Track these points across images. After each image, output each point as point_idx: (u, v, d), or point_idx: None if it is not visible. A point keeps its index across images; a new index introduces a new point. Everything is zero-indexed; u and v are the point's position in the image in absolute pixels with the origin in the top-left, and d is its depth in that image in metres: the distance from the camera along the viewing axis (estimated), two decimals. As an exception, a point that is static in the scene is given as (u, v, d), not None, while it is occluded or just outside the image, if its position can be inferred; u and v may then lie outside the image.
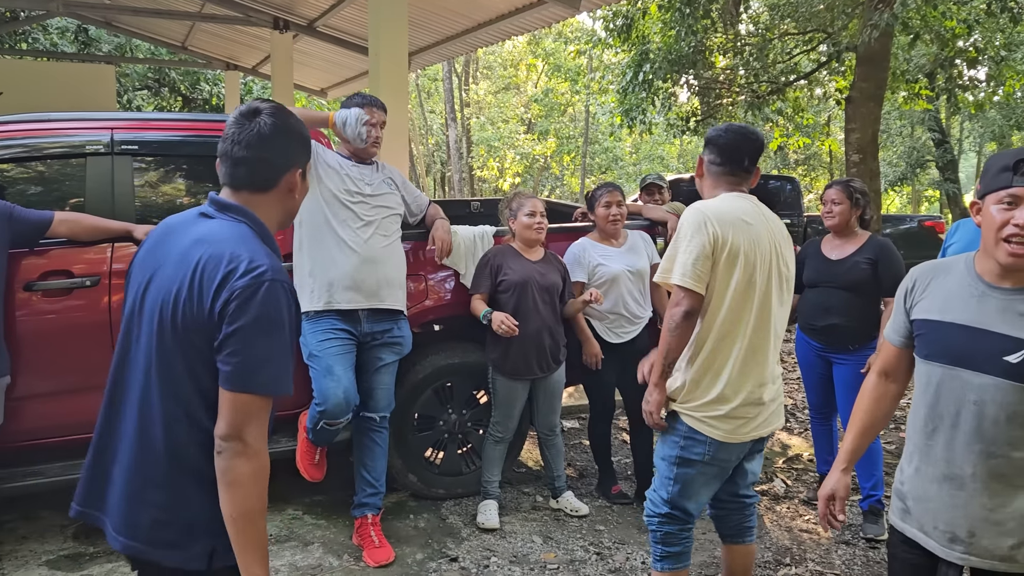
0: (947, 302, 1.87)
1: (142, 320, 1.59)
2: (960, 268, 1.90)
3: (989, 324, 1.79)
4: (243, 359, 1.50)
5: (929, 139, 19.31)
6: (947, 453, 1.85)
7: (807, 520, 3.92)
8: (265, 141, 1.64)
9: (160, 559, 1.57)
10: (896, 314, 2.03)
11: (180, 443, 1.55)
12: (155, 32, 13.41)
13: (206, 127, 3.72)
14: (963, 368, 1.81)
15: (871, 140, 8.58)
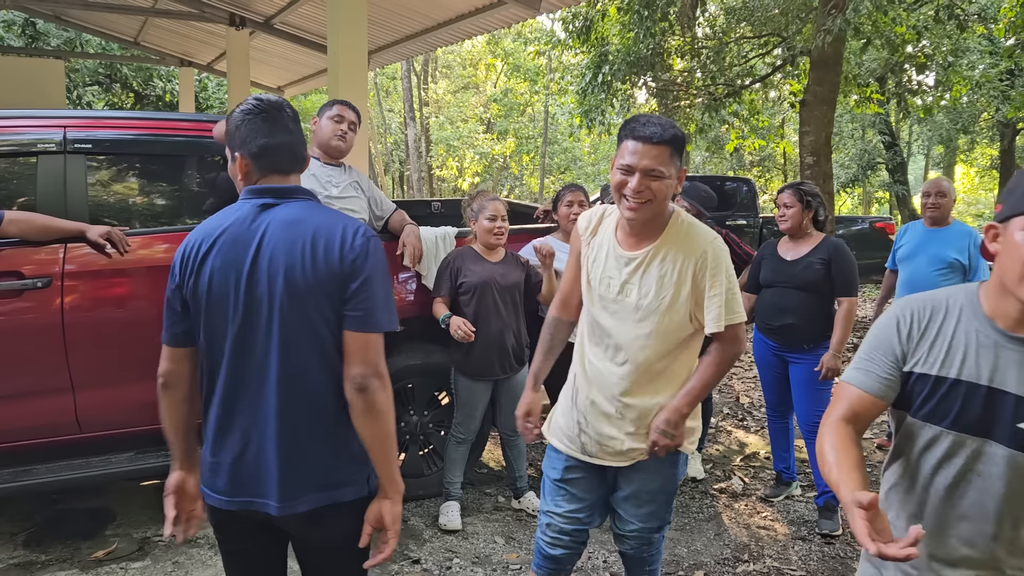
0: (953, 353, 1.52)
1: (258, 305, 1.75)
2: (963, 306, 1.55)
3: (1004, 383, 1.47)
4: (371, 304, 1.77)
5: (879, 142, 19.76)
6: (937, 530, 1.57)
7: (764, 517, 3.99)
8: (296, 126, 1.88)
9: (340, 499, 1.79)
10: (878, 357, 1.60)
11: (323, 393, 1.78)
12: (107, 27, 13.10)
13: (161, 126, 3.65)
14: (972, 435, 1.50)
15: (825, 143, 8.75)
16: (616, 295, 2.20)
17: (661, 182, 2.07)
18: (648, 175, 2.05)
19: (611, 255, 2.23)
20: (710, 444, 5.01)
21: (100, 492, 4.03)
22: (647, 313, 2.16)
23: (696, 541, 3.70)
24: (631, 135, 2.07)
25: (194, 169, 3.74)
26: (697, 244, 2.15)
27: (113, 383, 3.32)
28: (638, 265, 2.17)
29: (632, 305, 2.17)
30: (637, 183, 2.04)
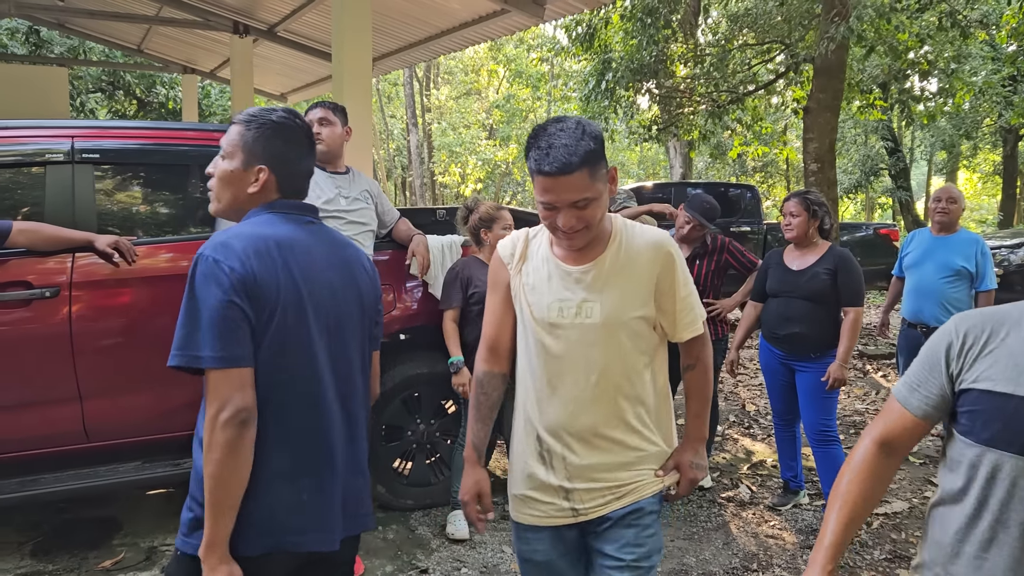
0: (1021, 368, 1.36)
1: (345, 324, 1.77)
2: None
3: None
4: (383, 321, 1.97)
5: (882, 148, 19.77)
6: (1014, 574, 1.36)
7: (773, 526, 3.98)
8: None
9: (365, 528, 1.85)
10: (926, 374, 1.49)
11: (362, 419, 1.85)
12: (110, 34, 13.14)
13: (167, 135, 3.66)
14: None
15: (828, 149, 8.75)
16: (574, 317, 1.87)
17: (591, 206, 1.78)
18: (574, 207, 1.77)
19: (555, 276, 1.91)
20: (717, 452, 5.00)
21: (107, 501, 4.02)
22: (612, 329, 1.86)
23: (705, 550, 3.69)
24: (538, 171, 1.74)
25: (200, 178, 3.74)
26: (653, 245, 1.90)
27: (121, 392, 3.32)
28: (594, 278, 1.87)
29: (594, 324, 1.86)
30: (565, 219, 1.78)
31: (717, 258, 4.33)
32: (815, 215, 3.90)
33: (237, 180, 1.76)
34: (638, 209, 4.87)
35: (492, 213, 3.74)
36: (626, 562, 1.90)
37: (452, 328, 3.69)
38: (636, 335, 1.89)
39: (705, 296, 4.32)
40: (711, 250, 4.32)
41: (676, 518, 4.06)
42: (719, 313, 4.35)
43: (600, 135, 1.80)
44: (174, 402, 3.41)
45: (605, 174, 1.81)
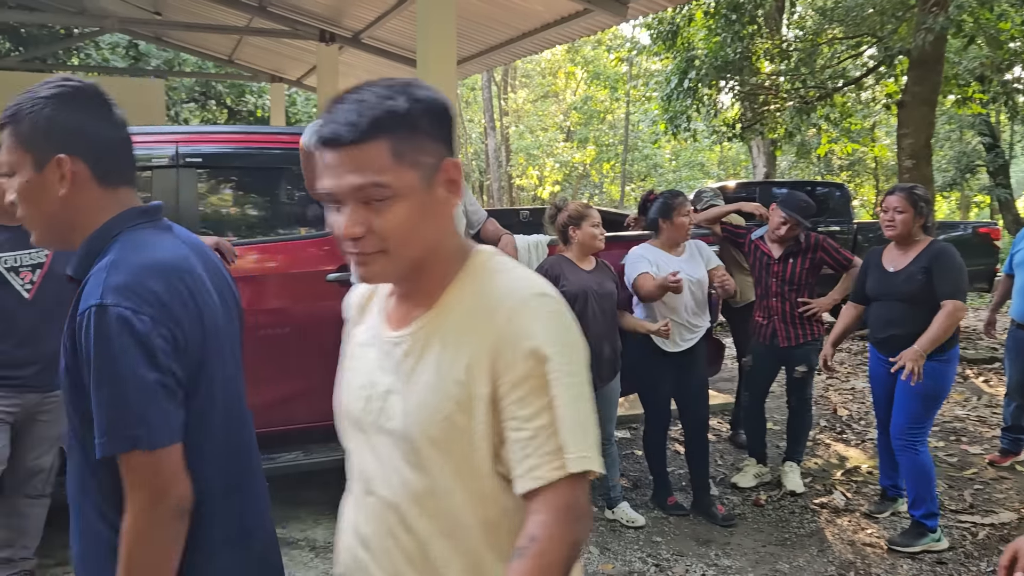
0: None
1: (231, 350, 1.48)
2: None
3: None
4: None
5: (980, 143, 18.89)
6: None
7: (870, 534, 3.84)
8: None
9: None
10: None
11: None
12: (203, 46, 13.67)
13: (263, 139, 3.79)
14: None
15: (924, 145, 8.41)
16: (378, 414, 1.16)
17: (392, 205, 1.06)
18: (359, 200, 1.06)
19: (377, 343, 1.21)
20: (808, 457, 4.86)
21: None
22: (420, 445, 1.10)
23: (798, 557, 3.59)
24: (318, 135, 1.07)
25: (291, 181, 3.85)
26: (501, 313, 1.08)
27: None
28: (405, 354, 1.14)
29: (398, 432, 1.13)
30: (347, 222, 1.06)
31: (812, 256, 4.20)
32: (921, 212, 3.64)
33: (38, 190, 1.34)
34: (726, 208, 4.75)
35: (581, 211, 3.73)
36: None
37: None
38: (459, 465, 1.11)
39: (799, 295, 4.21)
40: (804, 248, 4.20)
41: (767, 523, 3.96)
42: (814, 313, 4.22)
43: (434, 100, 1.10)
44: (270, 398, 3.51)
45: (433, 165, 1.09)
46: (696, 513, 4.02)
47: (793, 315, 4.21)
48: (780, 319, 4.24)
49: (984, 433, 5.41)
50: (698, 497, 4.05)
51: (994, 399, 6.26)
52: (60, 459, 3.07)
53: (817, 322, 4.30)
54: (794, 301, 4.21)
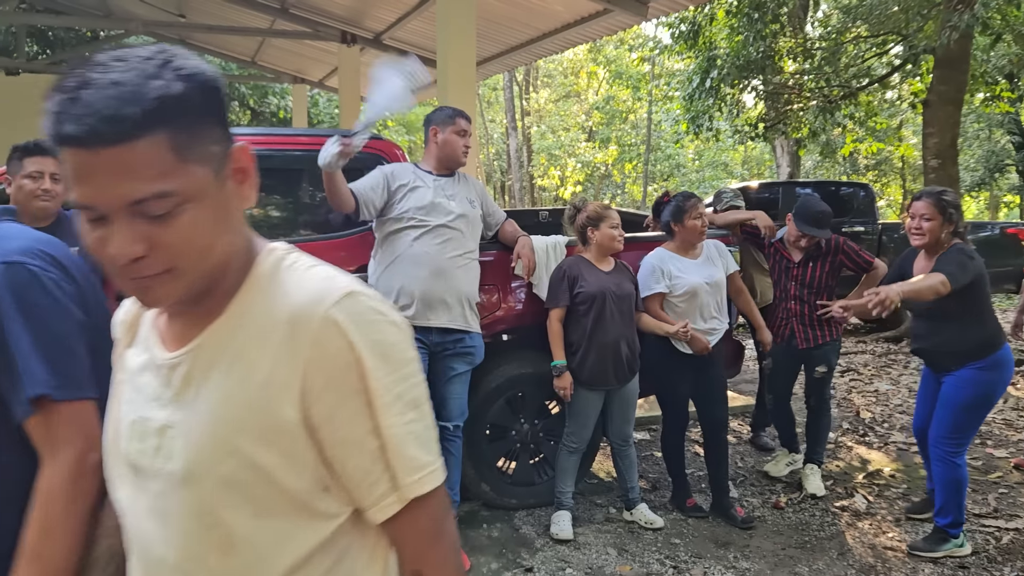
0: None
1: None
2: None
3: None
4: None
5: (1009, 142, 18.60)
6: None
7: (891, 537, 3.79)
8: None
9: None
10: None
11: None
12: (226, 48, 13.81)
13: (281, 141, 3.82)
14: None
15: (950, 145, 8.30)
16: (154, 455, 0.93)
17: (181, 214, 0.84)
18: (134, 214, 0.82)
19: (151, 367, 0.98)
20: (830, 460, 4.81)
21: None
22: (209, 488, 0.90)
23: (818, 560, 3.55)
24: (57, 135, 0.81)
25: (311, 182, 3.88)
26: (304, 322, 0.89)
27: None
28: (185, 378, 0.93)
29: (179, 474, 0.91)
30: (117, 243, 0.83)
31: (832, 259, 4.16)
32: (950, 219, 3.41)
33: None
34: (742, 216, 4.62)
35: (600, 212, 3.72)
36: None
37: (558, 328, 3.69)
38: (257, 511, 0.90)
39: (820, 298, 4.17)
40: (825, 252, 4.16)
41: (787, 526, 3.92)
42: (836, 316, 4.16)
43: (205, 73, 0.86)
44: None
45: (221, 154, 0.89)
46: (715, 515, 4.00)
47: (812, 317, 4.18)
48: (798, 321, 4.21)
49: (1010, 436, 5.33)
50: (717, 499, 4.03)
51: (1020, 402, 6.16)
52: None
53: (836, 323, 4.25)
54: (813, 304, 4.17)
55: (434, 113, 3.61)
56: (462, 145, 3.52)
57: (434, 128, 3.54)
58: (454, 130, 3.51)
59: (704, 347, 3.78)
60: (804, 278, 4.18)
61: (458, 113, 3.57)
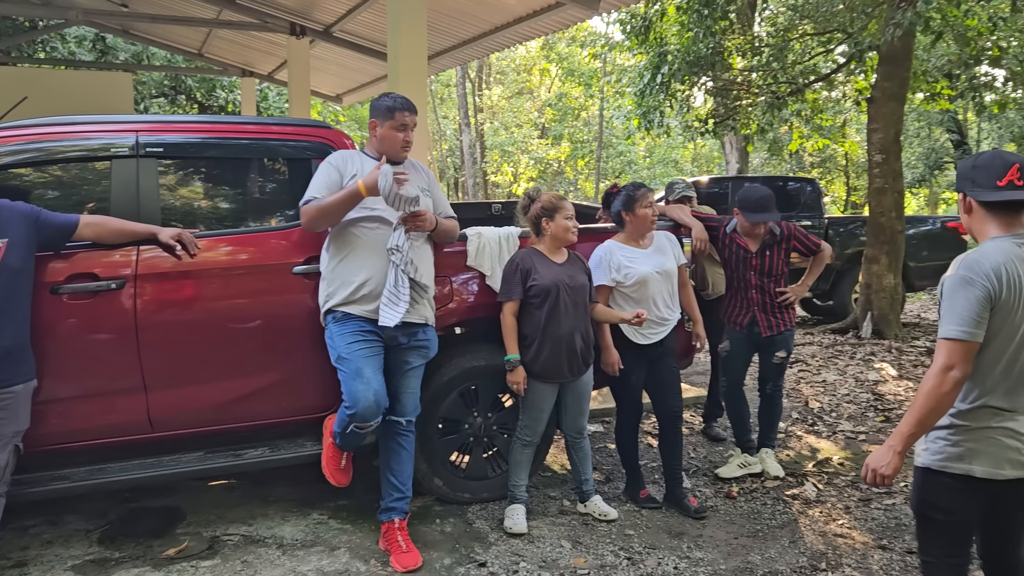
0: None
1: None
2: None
3: None
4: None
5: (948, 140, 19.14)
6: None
7: (841, 524, 3.84)
8: None
9: None
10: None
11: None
12: (172, 39, 13.47)
13: (228, 129, 3.71)
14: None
15: (894, 140, 8.48)
16: None
17: None
18: None
19: None
20: (780, 450, 4.87)
21: (171, 491, 4.09)
22: None
23: (770, 548, 3.58)
24: None
25: (258, 172, 3.78)
26: None
27: (184, 383, 3.36)
28: None
29: None
30: None
31: (786, 246, 4.25)
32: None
33: None
34: (679, 217, 4.50)
35: (555, 202, 3.69)
36: None
37: (511, 322, 3.65)
38: None
39: (778, 285, 4.25)
40: (779, 239, 4.23)
41: (740, 515, 3.95)
42: (792, 302, 4.28)
43: None
44: (236, 393, 3.44)
45: None
46: (669, 506, 4.01)
47: (773, 305, 4.26)
48: (760, 309, 4.27)
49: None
50: (671, 490, 4.04)
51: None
52: (15, 457, 2.98)
53: (792, 309, 4.35)
54: (773, 292, 4.24)
55: (377, 101, 3.44)
56: (401, 140, 3.37)
57: (373, 121, 3.41)
58: (393, 125, 3.36)
59: (615, 362, 3.82)
60: (763, 267, 4.24)
61: (399, 106, 3.37)
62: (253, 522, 3.75)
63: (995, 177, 2.15)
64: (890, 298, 8.52)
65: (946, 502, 2.22)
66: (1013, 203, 2.15)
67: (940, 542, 2.27)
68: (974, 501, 2.21)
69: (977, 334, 2.09)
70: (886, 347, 7.97)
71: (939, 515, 2.24)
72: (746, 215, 4.14)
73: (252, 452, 3.52)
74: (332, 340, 3.29)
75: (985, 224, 2.20)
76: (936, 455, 2.22)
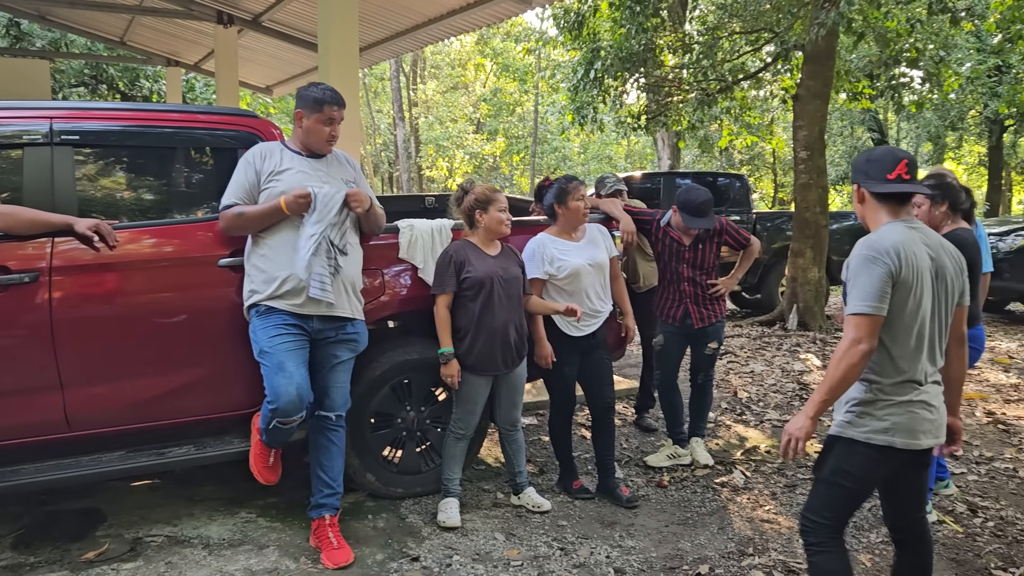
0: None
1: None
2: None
3: None
4: None
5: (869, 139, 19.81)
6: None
7: (768, 510, 3.94)
8: None
9: None
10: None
11: None
12: (92, 26, 12.96)
13: (152, 117, 3.58)
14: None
15: (818, 137, 8.73)
16: None
17: None
18: None
19: None
20: (710, 439, 4.96)
21: (90, 492, 3.94)
22: None
23: (699, 535, 3.65)
24: None
25: (183, 161, 3.67)
26: None
27: (103, 380, 3.24)
28: None
29: None
30: None
31: (718, 240, 4.36)
32: (935, 200, 3.49)
33: None
34: (608, 210, 4.52)
35: (488, 195, 3.67)
36: None
37: (445, 314, 3.63)
38: None
39: (709, 277, 4.34)
40: (711, 233, 4.32)
41: (670, 503, 4.01)
42: (722, 294, 4.40)
43: None
44: (159, 389, 3.34)
45: None
46: (601, 496, 4.05)
47: (704, 297, 4.35)
48: (692, 302, 4.35)
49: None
50: (603, 480, 4.08)
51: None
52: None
53: (722, 301, 4.45)
54: (705, 284, 4.33)
55: (304, 91, 3.34)
56: (327, 134, 3.30)
57: (300, 111, 3.32)
58: (319, 119, 3.27)
59: (548, 355, 3.84)
60: (696, 260, 4.32)
61: (327, 99, 3.28)
62: (178, 522, 3.64)
63: (886, 171, 2.37)
64: (815, 291, 8.78)
65: (862, 470, 2.38)
66: (901, 194, 2.37)
67: (840, 507, 2.44)
68: (885, 469, 2.40)
69: (881, 308, 2.26)
70: (811, 338, 8.21)
71: (849, 482, 2.41)
72: (685, 218, 4.20)
73: (177, 450, 3.42)
74: (255, 334, 3.22)
75: (877, 212, 2.41)
76: (860, 428, 2.37)
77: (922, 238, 2.36)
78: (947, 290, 2.39)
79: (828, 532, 2.45)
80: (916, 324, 2.32)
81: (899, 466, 2.41)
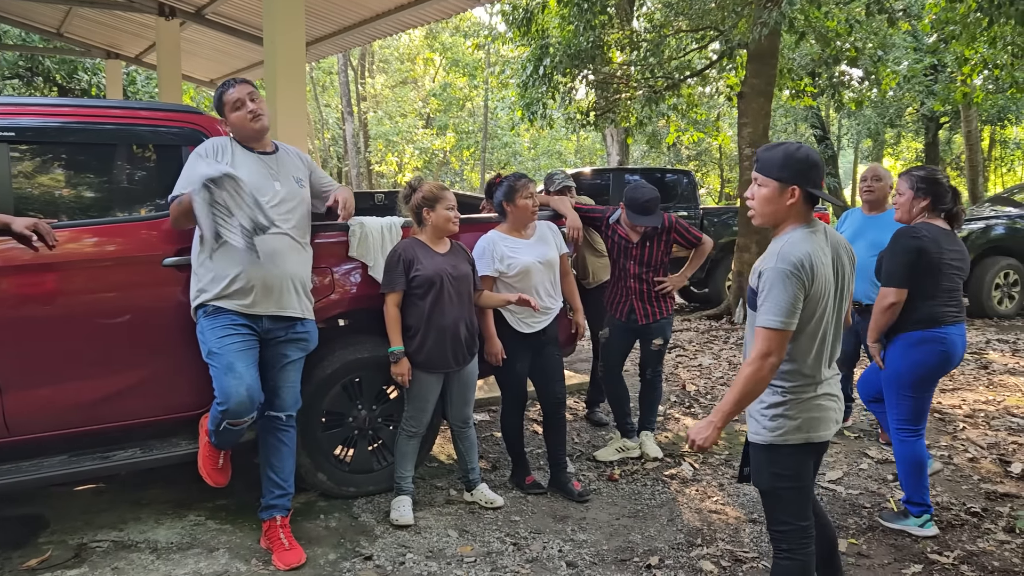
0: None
1: None
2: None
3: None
4: None
5: (812, 135, 20.27)
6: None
7: (716, 501, 4.03)
8: None
9: None
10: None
11: None
12: (27, 17, 12.53)
13: (92, 113, 3.49)
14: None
15: (763, 134, 8.91)
16: None
17: None
18: None
19: None
20: (659, 432, 5.04)
21: (32, 498, 3.84)
22: None
23: (650, 527, 3.71)
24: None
25: (125, 159, 3.58)
26: None
27: (44, 383, 3.16)
28: None
29: None
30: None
31: (667, 238, 4.39)
32: (921, 193, 3.54)
33: None
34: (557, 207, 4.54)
35: (436, 193, 3.67)
36: None
37: (395, 313, 3.62)
38: None
39: (656, 275, 4.39)
40: (660, 231, 4.36)
41: (621, 497, 4.07)
42: (670, 291, 4.45)
43: None
44: (103, 392, 3.27)
45: None
46: (553, 491, 4.08)
47: (650, 294, 4.40)
48: (638, 298, 4.40)
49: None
50: (555, 475, 4.11)
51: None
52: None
53: (670, 298, 4.51)
54: (651, 281, 4.38)
55: (214, 101, 3.35)
56: (247, 114, 3.25)
57: (221, 119, 3.35)
58: (231, 109, 3.26)
59: (499, 352, 3.87)
60: (643, 257, 4.37)
61: (225, 89, 3.28)
62: (124, 527, 3.57)
63: (820, 178, 2.43)
64: (760, 285, 8.95)
65: (795, 468, 2.46)
66: (813, 200, 2.41)
67: (792, 509, 2.49)
68: (811, 459, 2.50)
69: (792, 323, 2.30)
70: (757, 331, 8.37)
71: (789, 483, 2.47)
72: (632, 216, 4.24)
73: (122, 453, 3.35)
74: (203, 335, 3.17)
75: (800, 217, 2.40)
76: (776, 431, 2.44)
77: (822, 239, 2.40)
78: (843, 288, 2.46)
79: (798, 536, 2.48)
80: (820, 332, 2.38)
81: (818, 454, 2.55)
